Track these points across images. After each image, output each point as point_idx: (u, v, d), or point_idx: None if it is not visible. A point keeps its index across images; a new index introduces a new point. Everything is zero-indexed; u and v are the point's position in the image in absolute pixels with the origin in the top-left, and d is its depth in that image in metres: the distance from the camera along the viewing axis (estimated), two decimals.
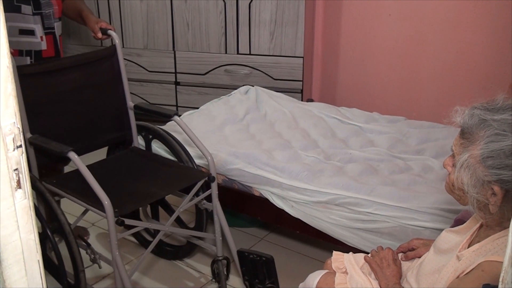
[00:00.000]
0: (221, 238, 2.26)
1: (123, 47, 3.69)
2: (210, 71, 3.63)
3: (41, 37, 2.30)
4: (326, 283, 1.60)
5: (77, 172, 2.06)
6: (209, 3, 3.48)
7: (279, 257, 2.55)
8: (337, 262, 1.68)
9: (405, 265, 1.62)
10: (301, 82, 3.46)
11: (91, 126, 2.32)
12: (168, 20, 3.62)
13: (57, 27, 2.37)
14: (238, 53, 3.53)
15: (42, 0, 2.27)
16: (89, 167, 2.21)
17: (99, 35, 2.31)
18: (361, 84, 3.59)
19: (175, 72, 3.73)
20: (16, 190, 0.83)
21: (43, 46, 2.32)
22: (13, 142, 0.81)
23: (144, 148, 2.49)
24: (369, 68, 3.53)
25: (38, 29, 2.28)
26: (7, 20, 2.25)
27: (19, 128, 0.81)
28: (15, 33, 2.24)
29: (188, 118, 2.87)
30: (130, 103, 2.39)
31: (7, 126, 0.79)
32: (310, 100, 3.51)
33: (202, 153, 2.21)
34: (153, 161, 2.35)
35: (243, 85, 3.24)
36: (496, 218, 1.28)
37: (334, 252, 1.72)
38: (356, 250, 1.89)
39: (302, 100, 3.41)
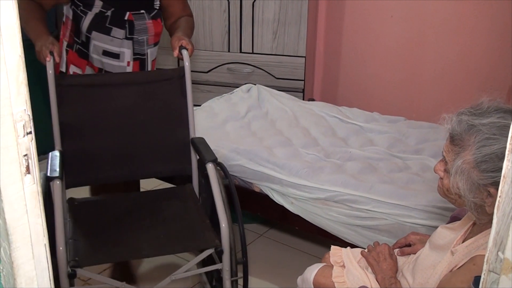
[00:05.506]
0: None
1: None
2: (213, 69, 3.66)
3: (128, 62, 2.19)
4: (323, 276, 1.63)
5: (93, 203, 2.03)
6: (213, 2, 3.51)
7: (279, 253, 2.59)
8: (335, 256, 1.71)
9: (400, 260, 1.65)
10: (302, 82, 3.49)
11: (139, 153, 2.10)
12: None
13: (150, 53, 2.26)
14: (241, 52, 3.56)
15: (138, 26, 2.17)
16: (112, 197, 2.13)
17: (175, 52, 2.10)
18: (362, 84, 3.62)
19: None
20: (25, 175, 0.86)
21: (128, 70, 2.20)
22: (23, 128, 0.84)
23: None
24: (370, 69, 3.56)
25: (128, 54, 2.17)
26: (97, 39, 2.14)
27: (29, 115, 0.84)
28: (99, 52, 2.16)
29: None
30: (193, 135, 2.13)
31: (18, 113, 0.82)
32: (312, 99, 3.53)
33: (219, 218, 1.84)
34: (179, 208, 2.07)
35: (245, 83, 3.27)
36: (491, 217, 1.30)
37: (332, 247, 1.76)
38: (354, 247, 1.92)
39: (303, 99, 3.43)
